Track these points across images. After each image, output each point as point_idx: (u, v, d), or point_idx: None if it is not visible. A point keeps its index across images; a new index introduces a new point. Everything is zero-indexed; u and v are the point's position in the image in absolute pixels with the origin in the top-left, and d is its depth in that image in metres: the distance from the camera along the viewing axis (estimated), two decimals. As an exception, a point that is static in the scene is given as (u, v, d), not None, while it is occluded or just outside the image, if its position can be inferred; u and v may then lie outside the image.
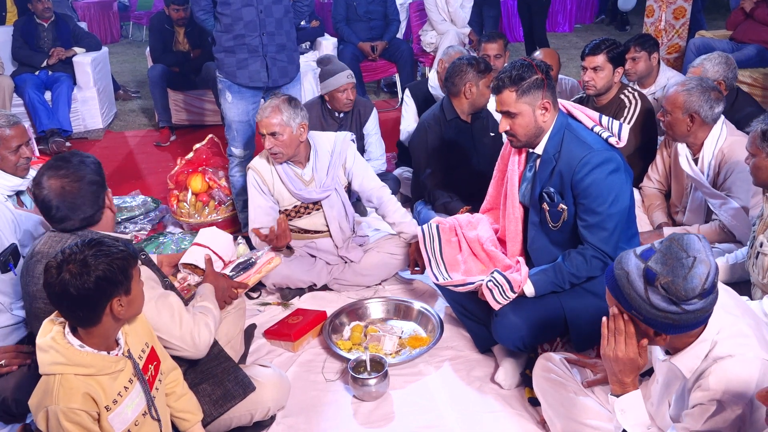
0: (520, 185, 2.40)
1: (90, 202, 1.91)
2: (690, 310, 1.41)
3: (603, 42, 3.25)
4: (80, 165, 1.92)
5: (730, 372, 1.45)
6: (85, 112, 5.38)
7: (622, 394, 1.60)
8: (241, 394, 2.06)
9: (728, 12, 5.91)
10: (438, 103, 3.43)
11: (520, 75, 2.16)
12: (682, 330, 1.47)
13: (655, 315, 1.44)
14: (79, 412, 1.54)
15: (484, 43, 4.16)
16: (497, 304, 2.26)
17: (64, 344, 1.57)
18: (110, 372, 1.61)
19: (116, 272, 1.56)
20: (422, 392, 2.42)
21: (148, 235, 3.59)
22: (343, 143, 3.01)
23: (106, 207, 1.98)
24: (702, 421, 1.46)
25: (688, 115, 2.66)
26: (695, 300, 1.40)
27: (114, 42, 9.45)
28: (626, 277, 1.46)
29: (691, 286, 1.38)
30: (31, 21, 5.31)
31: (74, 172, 1.90)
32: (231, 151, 3.52)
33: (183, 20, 5.35)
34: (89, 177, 1.92)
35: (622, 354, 1.54)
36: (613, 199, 2.16)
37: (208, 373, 2.06)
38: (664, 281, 1.40)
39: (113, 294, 1.57)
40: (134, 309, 1.67)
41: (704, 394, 1.47)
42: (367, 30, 5.80)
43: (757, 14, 4.98)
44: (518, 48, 7.90)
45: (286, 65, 3.42)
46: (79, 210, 1.89)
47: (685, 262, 1.40)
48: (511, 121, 2.22)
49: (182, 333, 1.92)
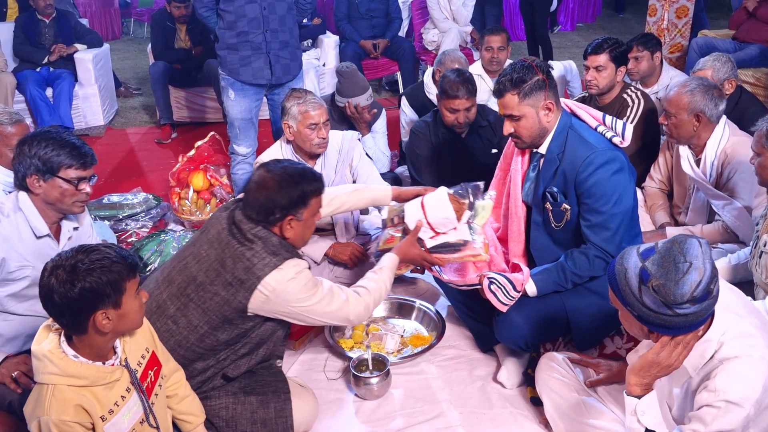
0: (523, 185, 2.39)
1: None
2: (681, 314, 1.42)
3: (605, 41, 3.25)
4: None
5: (737, 373, 1.45)
6: (87, 108, 5.37)
7: (642, 395, 1.59)
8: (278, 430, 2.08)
9: (730, 11, 5.90)
10: (433, 110, 3.35)
11: (521, 77, 2.15)
12: (675, 331, 1.48)
13: (647, 314, 1.46)
14: (71, 424, 1.51)
15: (488, 36, 4.14)
16: (503, 305, 2.24)
17: (59, 354, 1.53)
18: (105, 383, 1.57)
19: (104, 284, 1.49)
20: (424, 391, 2.42)
21: (149, 232, 3.59)
22: (350, 142, 3.01)
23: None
24: (709, 422, 1.46)
25: (693, 116, 2.65)
26: (687, 305, 1.41)
27: (115, 39, 9.44)
28: (624, 274, 1.48)
29: (680, 292, 1.39)
30: (33, 17, 5.29)
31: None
32: (233, 149, 3.51)
33: (184, 17, 5.35)
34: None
35: (673, 361, 1.53)
36: (617, 199, 2.15)
37: (259, 390, 2.09)
38: (656, 283, 1.41)
39: (98, 306, 1.49)
40: (127, 323, 1.59)
41: (710, 395, 1.47)
42: (369, 28, 5.79)
43: (760, 14, 4.97)
44: (520, 47, 7.89)
45: (289, 62, 3.41)
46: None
47: (681, 266, 1.41)
48: (515, 124, 2.22)
49: (336, 313, 2.05)
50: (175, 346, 1.97)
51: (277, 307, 1.97)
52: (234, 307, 1.95)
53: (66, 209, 2.13)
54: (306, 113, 2.77)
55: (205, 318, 1.96)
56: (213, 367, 2.04)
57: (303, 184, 1.99)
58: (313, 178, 2.04)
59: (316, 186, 2.03)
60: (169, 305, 1.99)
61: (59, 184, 2.05)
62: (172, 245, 3.24)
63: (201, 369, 2.02)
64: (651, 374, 1.56)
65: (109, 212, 3.67)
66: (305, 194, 1.99)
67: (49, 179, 2.05)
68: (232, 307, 1.94)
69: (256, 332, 2.05)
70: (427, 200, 2.35)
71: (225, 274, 1.94)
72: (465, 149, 3.26)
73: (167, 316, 1.99)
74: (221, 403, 2.05)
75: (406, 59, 5.80)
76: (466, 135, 3.26)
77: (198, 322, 1.96)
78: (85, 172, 2.10)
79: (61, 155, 2.04)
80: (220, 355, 2.04)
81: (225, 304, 1.94)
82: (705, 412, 1.48)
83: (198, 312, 1.96)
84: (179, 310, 1.98)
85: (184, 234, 3.36)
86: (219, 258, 1.96)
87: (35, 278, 2.06)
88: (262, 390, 2.09)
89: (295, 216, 1.98)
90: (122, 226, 3.62)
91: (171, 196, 3.72)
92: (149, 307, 1.98)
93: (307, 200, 2.00)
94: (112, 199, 3.79)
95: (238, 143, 3.47)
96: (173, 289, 2.01)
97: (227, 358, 2.05)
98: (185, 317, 1.97)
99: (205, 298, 1.96)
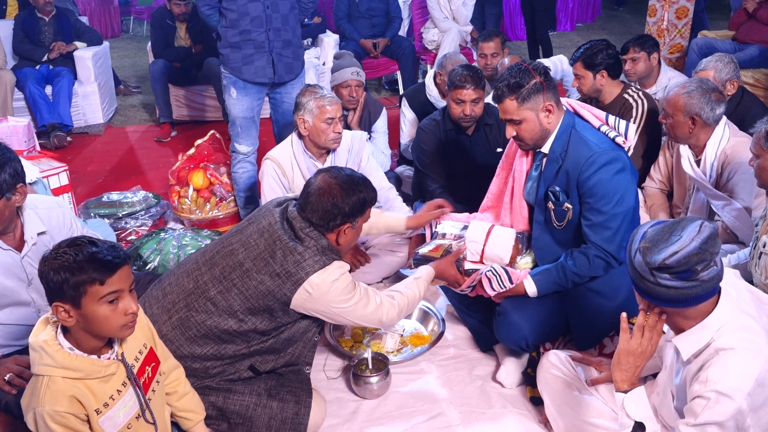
0: (526, 184, 2.40)
1: None
2: (662, 284, 1.46)
3: (580, 48, 3.29)
4: None
5: (730, 364, 1.45)
6: (86, 106, 5.37)
7: (630, 390, 1.62)
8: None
9: (729, 12, 5.90)
10: (441, 108, 3.38)
11: (518, 82, 2.15)
12: (657, 301, 1.51)
13: (634, 276, 1.52)
14: (65, 415, 1.52)
15: (481, 42, 4.16)
16: (492, 292, 2.28)
17: (54, 346, 1.54)
18: (100, 376, 1.58)
19: (62, 281, 1.47)
20: (424, 391, 2.42)
21: (149, 230, 3.59)
22: (360, 142, 3.05)
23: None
24: (699, 413, 1.46)
25: (689, 118, 2.66)
26: (665, 275, 1.45)
27: (114, 37, 9.42)
28: (633, 236, 1.54)
29: (655, 258, 1.45)
30: (32, 15, 5.29)
31: None
32: (234, 147, 3.51)
33: (184, 15, 5.34)
34: None
35: (645, 347, 1.59)
36: (619, 199, 2.16)
37: (284, 395, 2.11)
38: (643, 245, 1.48)
39: (56, 298, 1.49)
40: (95, 328, 1.53)
41: (702, 386, 1.47)
42: (369, 27, 5.78)
43: (760, 15, 4.97)
44: (520, 47, 7.89)
45: (292, 61, 3.41)
46: None
47: (671, 238, 1.46)
48: (516, 128, 2.22)
49: (370, 316, 2.11)
50: (212, 326, 2.00)
51: (318, 306, 2.02)
52: (278, 298, 1.99)
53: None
54: (323, 108, 2.82)
55: (246, 304, 2.00)
56: (243, 355, 2.07)
57: (365, 192, 2.04)
58: (371, 187, 2.09)
59: (374, 195, 2.10)
60: (210, 287, 2.03)
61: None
62: (171, 244, 3.24)
63: (231, 353, 2.05)
64: (630, 364, 1.60)
65: (108, 210, 3.67)
66: (365, 202, 2.05)
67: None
68: (276, 298, 1.99)
69: (291, 329, 2.09)
70: (495, 233, 2.41)
71: (274, 265, 1.97)
72: (471, 147, 3.28)
73: (207, 297, 2.02)
74: (243, 401, 2.07)
75: (406, 59, 5.79)
76: (473, 133, 3.27)
77: (238, 308, 2.00)
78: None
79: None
80: (252, 344, 2.06)
81: (269, 294, 1.98)
82: (696, 403, 1.48)
83: (240, 298, 2.00)
84: (220, 293, 2.01)
85: (183, 232, 3.36)
86: (269, 248, 2.00)
87: (1, 289, 2.06)
88: (286, 396, 2.11)
89: (352, 224, 2.04)
90: (122, 224, 3.62)
91: (171, 194, 3.72)
92: (186, 286, 2.05)
93: (365, 208, 2.07)
94: (112, 198, 3.79)
95: (239, 142, 3.47)
96: (216, 272, 2.04)
97: (258, 351, 2.08)
98: (225, 301, 2.00)
99: (249, 285, 1.99)
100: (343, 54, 3.66)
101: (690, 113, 2.65)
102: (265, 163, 2.94)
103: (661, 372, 1.78)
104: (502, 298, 2.34)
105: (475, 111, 3.14)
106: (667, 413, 1.71)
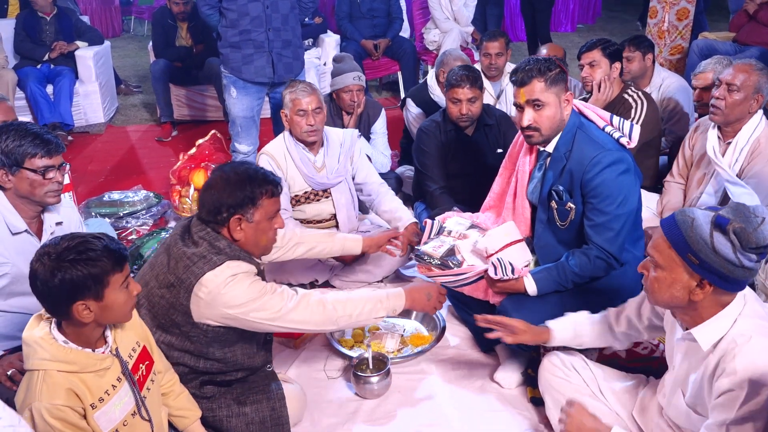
0: (529, 183, 2.40)
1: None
2: (745, 266, 1.44)
3: (598, 40, 3.30)
4: None
5: (757, 352, 1.43)
6: (87, 106, 5.37)
7: None
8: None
9: (728, 14, 5.91)
10: (441, 109, 3.39)
11: (547, 66, 2.17)
12: (727, 285, 1.48)
13: (712, 260, 1.44)
14: (63, 408, 1.51)
15: (486, 42, 4.15)
16: (494, 278, 2.26)
17: (49, 339, 1.55)
18: (95, 370, 1.58)
19: (85, 277, 1.49)
20: (424, 391, 2.42)
21: (149, 230, 3.60)
22: (352, 138, 3.09)
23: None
24: (734, 409, 1.42)
25: (756, 96, 2.62)
26: (754, 256, 1.43)
27: (115, 36, 9.43)
28: (691, 222, 1.48)
29: (761, 236, 1.42)
30: (33, 14, 5.29)
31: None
32: (234, 147, 3.52)
33: (184, 14, 5.34)
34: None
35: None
36: (622, 200, 2.16)
37: (253, 397, 2.08)
38: (738, 226, 1.43)
39: (77, 297, 1.50)
40: (112, 316, 1.59)
41: (730, 379, 1.43)
42: (370, 27, 5.79)
43: (760, 16, 4.97)
44: (521, 47, 7.89)
45: (292, 61, 3.42)
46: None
47: (754, 220, 1.44)
48: (537, 113, 2.20)
49: (283, 321, 1.94)
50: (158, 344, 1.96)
51: (217, 313, 1.89)
52: (178, 310, 1.90)
53: (41, 201, 2.11)
54: (295, 100, 2.86)
55: (155, 322, 1.95)
56: (197, 374, 2.03)
57: (253, 184, 1.93)
58: (265, 179, 1.96)
59: (267, 187, 1.95)
60: (138, 306, 1.95)
61: (27, 175, 2.04)
62: (172, 243, 3.24)
63: (184, 373, 2.01)
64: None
65: (109, 210, 3.67)
66: (254, 194, 1.92)
67: (17, 172, 2.03)
68: (177, 310, 1.90)
69: (218, 343, 1.98)
70: (515, 248, 2.37)
71: (169, 276, 1.91)
72: (471, 148, 3.28)
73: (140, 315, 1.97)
74: (216, 416, 2.04)
75: (407, 59, 5.80)
76: (473, 133, 3.27)
77: (150, 324, 1.94)
78: (52, 160, 2.07)
79: (23, 145, 2.02)
80: (194, 365, 2.00)
81: (170, 306, 1.91)
82: (728, 398, 1.43)
83: (149, 316, 1.95)
84: (141, 312, 1.94)
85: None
86: (167, 261, 1.94)
87: (17, 275, 2.07)
88: (257, 398, 2.08)
89: (243, 216, 1.92)
90: (123, 223, 3.63)
91: (172, 194, 3.72)
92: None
93: (257, 200, 1.93)
94: (113, 197, 3.80)
95: (239, 141, 3.48)
96: (143, 292, 1.95)
97: (206, 370, 2.03)
98: (145, 319, 1.93)
99: (153, 302, 1.95)
100: (343, 57, 3.67)
101: (759, 91, 2.62)
102: (261, 157, 3.00)
103: (668, 372, 1.77)
104: (499, 298, 2.34)
105: (472, 110, 3.14)
106: (675, 413, 1.70)
